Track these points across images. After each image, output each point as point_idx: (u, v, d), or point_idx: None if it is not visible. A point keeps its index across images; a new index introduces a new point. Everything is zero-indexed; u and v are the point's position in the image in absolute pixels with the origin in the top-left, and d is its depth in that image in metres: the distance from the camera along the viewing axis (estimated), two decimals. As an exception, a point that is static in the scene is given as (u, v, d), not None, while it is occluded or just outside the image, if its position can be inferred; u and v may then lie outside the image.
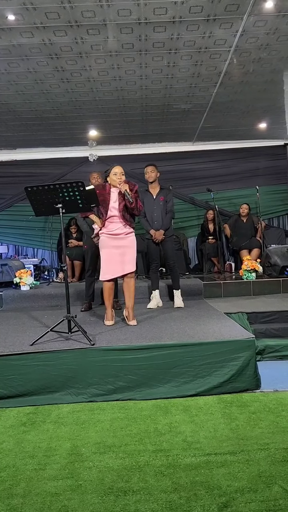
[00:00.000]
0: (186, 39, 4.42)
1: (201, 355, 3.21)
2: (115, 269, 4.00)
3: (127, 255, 4.01)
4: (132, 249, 4.05)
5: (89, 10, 3.84)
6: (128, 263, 4.01)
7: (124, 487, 1.99)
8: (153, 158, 7.21)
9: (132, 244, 4.06)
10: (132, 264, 4.04)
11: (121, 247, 4.00)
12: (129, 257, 4.02)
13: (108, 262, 3.99)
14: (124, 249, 4.00)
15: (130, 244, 4.04)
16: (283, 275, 6.19)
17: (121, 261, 3.99)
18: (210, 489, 1.94)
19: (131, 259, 4.04)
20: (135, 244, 4.08)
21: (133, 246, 4.06)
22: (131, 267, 4.03)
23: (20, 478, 2.13)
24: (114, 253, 3.98)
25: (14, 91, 5.51)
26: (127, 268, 4.01)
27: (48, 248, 8.20)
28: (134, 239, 4.08)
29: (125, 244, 4.02)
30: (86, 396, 3.11)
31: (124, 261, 4.00)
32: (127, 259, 4.01)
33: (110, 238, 4.01)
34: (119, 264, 3.99)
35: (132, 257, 4.04)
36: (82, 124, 6.96)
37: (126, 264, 4.00)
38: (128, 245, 4.03)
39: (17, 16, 3.87)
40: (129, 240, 4.04)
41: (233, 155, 8.50)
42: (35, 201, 3.56)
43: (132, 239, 4.06)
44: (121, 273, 4.02)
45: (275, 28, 4.28)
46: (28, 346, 3.34)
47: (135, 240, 4.10)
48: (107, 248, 4.01)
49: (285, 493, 1.88)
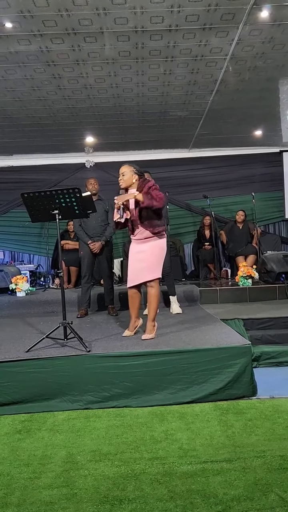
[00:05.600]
0: (182, 47, 4.46)
1: (197, 362, 3.20)
2: (131, 276, 3.69)
3: (145, 262, 3.61)
4: (150, 255, 3.61)
5: (86, 18, 3.87)
6: (144, 271, 3.62)
7: (120, 496, 1.98)
8: (149, 165, 7.22)
9: (150, 249, 3.61)
10: (150, 271, 3.61)
11: (141, 253, 3.64)
12: (147, 264, 3.61)
13: (129, 269, 3.73)
14: (143, 254, 3.63)
15: (149, 249, 3.62)
16: (279, 281, 6.20)
17: (140, 268, 3.64)
18: (207, 497, 1.93)
19: (149, 266, 3.61)
20: (156, 250, 3.63)
21: (151, 252, 3.61)
22: (147, 275, 3.61)
23: (15, 486, 2.10)
24: (134, 259, 3.68)
25: (11, 98, 5.52)
26: (143, 277, 3.63)
27: (44, 254, 8.18)
28: (154, 244, 3.63)
29: (144, 249, 3.63)
30: (81, 403, 3.09)
31: (143, 268, 3.62)
32: (145, 266, 3.62)
33: (133, 243, 3.74)
34: (136, 272, 3.66)
35: (150, 264, 3.61)
36: (79, 130, 6.98)
37: (143, 272, 3.63)
38: (146, 250, 3.62)
39: (15, 23, 3.90)
40: (147, 245, 3.63)
41: (229, 162, 8.56)
42: (32, 207, 3.56)
43: (150, 244, 3.62)
44: (136, 282, 3.67)
45: (270, 37, 4.33)
46: (23, 352, 3.31)
47: (158, 245, 3.65)
48: (130, 254, 3.75)
49: (282, 501, 1.87)
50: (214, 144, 8.18)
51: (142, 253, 3.65)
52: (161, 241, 3.69)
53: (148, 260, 3.62)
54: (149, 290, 3.69)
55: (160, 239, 3.67)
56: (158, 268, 3.66)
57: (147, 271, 3.63)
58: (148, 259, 3.62)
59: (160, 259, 3.68)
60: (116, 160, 8.16)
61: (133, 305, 3.82)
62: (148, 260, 3.62)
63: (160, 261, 3.69)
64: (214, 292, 5.90)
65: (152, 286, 3.66)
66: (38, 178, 8.31)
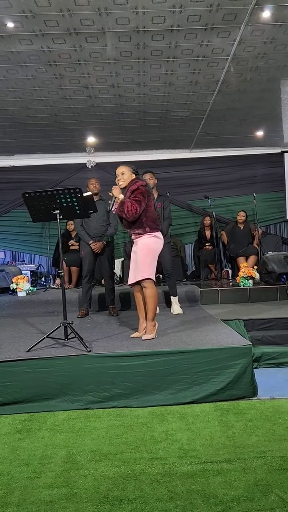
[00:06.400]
0: (184, 48, 4.46)
1: (198, 362, 3.19)
2: (130, 275, 3.76)
3: (137, 261, 3.67)
4: (140, 255, 3.64)
5: (88, 18, 3.87)
6: (136, 271, 3.67)
7: (120, 496, 1.97)
8: (150, 165, 7.23)
9: (140, 250, 3.65)
10: (140, 271, 3.63)
11: (134, 253, 3.74)
12: (138, 263, 3.66)
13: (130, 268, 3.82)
14: (134, 255, 3.72)
15: (138, 250, 3.66)
16: (280, 282, 6.19)
17: (133, 268, 3.72)
18: (206, 497, 1.93)
19: (139, 266, 3.64)
20: (144, 250, 3.63)
21: (140, 252, 3.64)
22: (138, 275, 3.65)
23: (15, 486, 2.10)
24: (131, 259, 3.77)
25: (12, 98, 5.53)
26: (135, 276, 3.68)
27: (45, 254, 8.19)
28: (143, 242, 3.63)
29: (135, 250, 3.72)
30: (82, 403, 3.09)
31: (136, 267, 3.68)
32: (137, 265, 3.67)
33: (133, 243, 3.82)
34: (133, 271, 3.73)
35: (140, 264, 3.63)
36: (80, 130, 6.98)
37: (136, 271, 3.67)
38: (136, 251, 3.69)
39: (16, 23, 3.90)
40: (138, 246, 3.68)
41: (231, 162, 8.56)
42: (33, 207, 3.56)
43: (140, 243, 3.66)
44: (133, 280, 3.71)
45: (272, 37, 4.33)
46: (24, 352, 3.31)
47: (146, 245, 3.64)
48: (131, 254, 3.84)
49: (282, 502, 1.87)
50: (215, 145, 8.18)
51: (134, 254, 3.74)
52: (149, 240, 3.65)
53: (138, 260, 3.67)
54: (143, 290, 3.69)
55: (149, 239, 3.65)
56: (148, 267, 3.63)
57: (138, 271, 3.66)
58: (138, 259, 3.66)
59: (149, 259, 3.65)
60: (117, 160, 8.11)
61: (138, 304, 3.85)
62: (138, 260, 3.66)
63: (150, 261, 3.65)
64: (215, 293, 5.90)
65: (145, 286, 3.64)
66: (39, 178, 8.32)
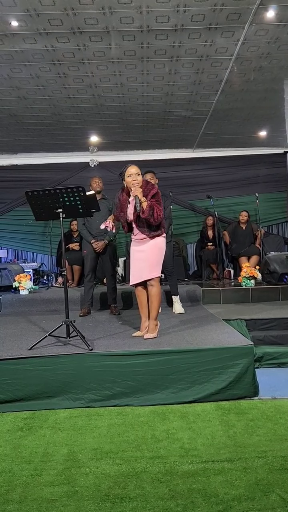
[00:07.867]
0: (187, 47, 4.46)
1: (199, 362, 3.20)
2: (134, 274, 3.74)
3: (145, 261, 3.66)
4: (150, 255, 3.65)
5: (92, 18, 3.87)
6: (144, 269, 3.66)
7: (121, 494, 1.98)
8: (153, 165, 7.22)
9: (150, 249, 3.65)
10: (149, 270, 3.64)
11: (141, 252, 3.69)
12: (146, 263, 3.65)
13: (131, 267, 3.80)
14: (143, 254, 3.68)
15: (148, 249, 3.65)
16: (282, 282, 6.18)
17: (141, 267, 3.69)
18: (207, 496, 1.93)
19: (148, 265, 3.65)
20: (155, 249, 3.66)
21: (151, 251, 3.65)
22: (147, 274, 3.65)
23: (16, 483, 2.11)
24: (135, 258, 3.75)
25: (16, 96, 5.54)
26: (143, 275, 3.67)
27: (47, 253, 8.20)
28: (154, 242, 3.66)
29: (143, 249, 3.68)
30: (83, 401, 3.10)
31: (143, 267, 3.67)
32: (145, 265, 3.66)
33: (133, 242, 3.80)
34: (137, 270, 3.71)
35: (150, 263, 3.65)
36: (83, 129, 6.99)
37: (143, 271, 3.67)
38: (146, 250, 3.66)
39: (21, 22, 3.91)
40: (147, 245, 3.66)
41: (233, 162, 8.55)
42: (36, 206, 3.57)
43: (150, 243, 3.66)
44: (138, 280, 3.71)
45: (276, 37, 4.32)
46: (26, 350, 3.32)
47: (157, 244, 3.67)
48: (131, 253, 3.81)
49: (283, 502, 1.87)
50: (218, 145, 8.17)
51: (142, 253, 3.69)
52: (160, 240, 3.71)
53: (147, 259, 3.66)
54: (149, 289, 3.71)
55: (159, 239, 3.70)
56: (158, 267, 3.70)
57: (147, 270, 3.66)
58: (148, 258, 3.66)
59: (159, 258, 3.71)
60: (120, 159, 8.17)
61: (141, 304, 3.85)
62: (148, 260, 3.66)
63: (159, 260, 3.72)
64: (217, 293, 5.90)
65: (152, 285, 3.68)
66: (42, 176, 8.33)
